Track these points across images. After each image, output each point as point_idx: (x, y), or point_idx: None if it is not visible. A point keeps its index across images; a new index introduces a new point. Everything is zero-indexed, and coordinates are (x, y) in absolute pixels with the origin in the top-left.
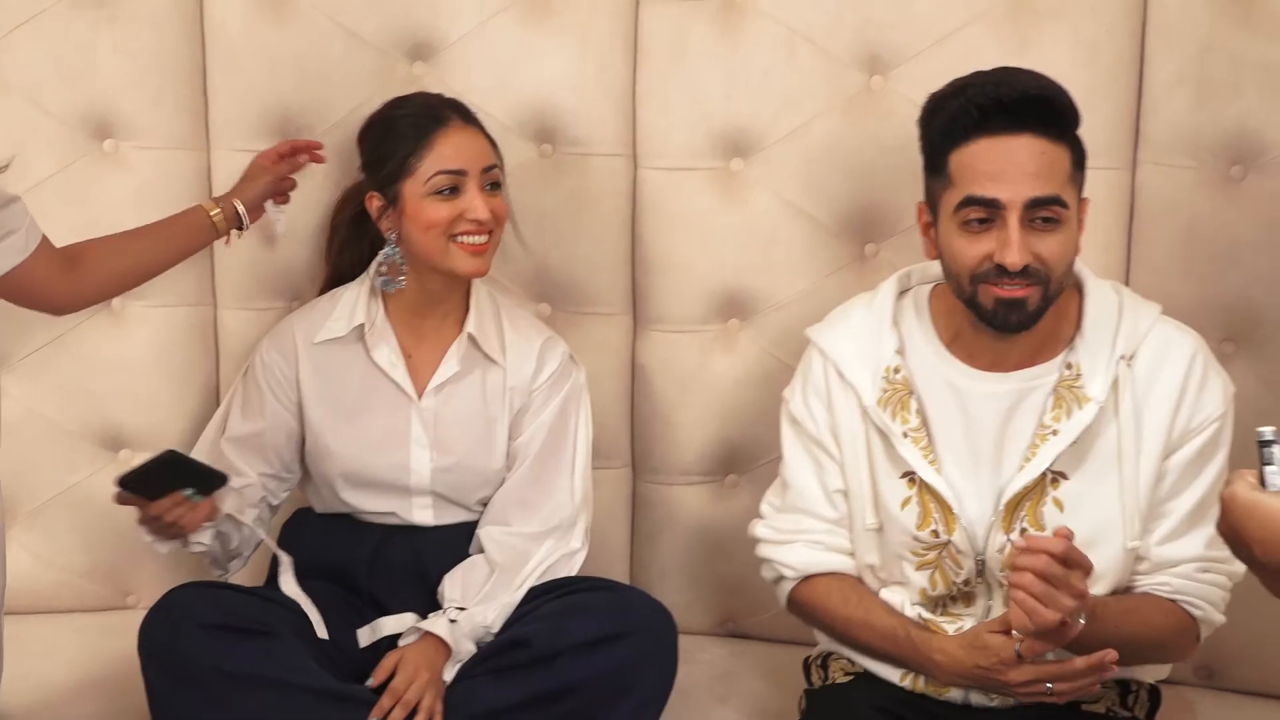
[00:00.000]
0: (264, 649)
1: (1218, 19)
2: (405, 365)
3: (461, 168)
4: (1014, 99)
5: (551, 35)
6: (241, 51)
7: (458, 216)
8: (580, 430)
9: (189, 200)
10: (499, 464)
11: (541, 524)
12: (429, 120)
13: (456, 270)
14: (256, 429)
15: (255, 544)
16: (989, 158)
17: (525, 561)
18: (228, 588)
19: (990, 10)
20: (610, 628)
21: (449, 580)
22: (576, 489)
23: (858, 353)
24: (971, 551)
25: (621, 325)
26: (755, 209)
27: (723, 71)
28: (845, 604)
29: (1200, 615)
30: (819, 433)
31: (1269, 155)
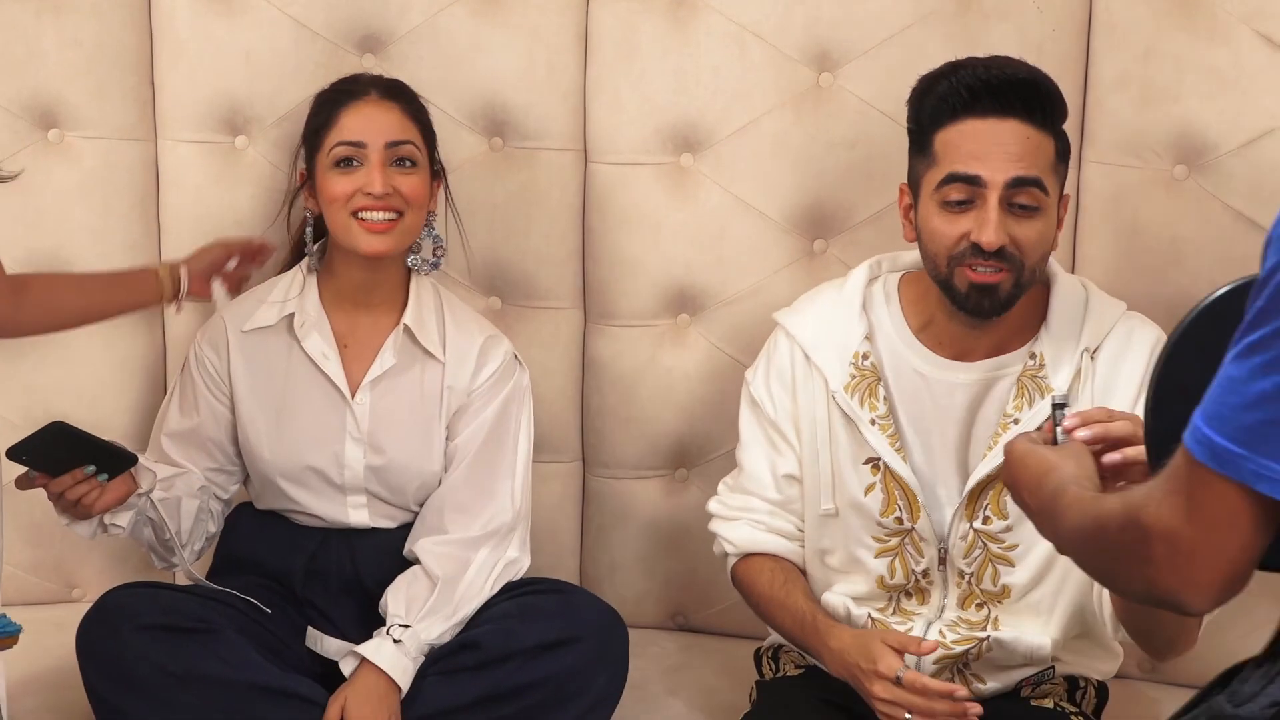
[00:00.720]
0: (206, 647)
1: (1161, 22)
2: (339, 356)
3: (360, 139)
4: (1002, 82)
5: (502, 29)
6: (189, 42)
7: (356, 191)
8: (522, 433)
9: (135, 191)
10: (436, 465)
11: (480, 528)
12: (344, 94)
13: (358, 249)
14: (193, 424)
15: (205, 537)
16: (975, 137)
17: (465, 568)
18: (166, 586)
19: (939, 9)
20: (560, 632)
21: (392, 594)
22: (516, 494)
23: (826, 337)
24: (934, 539)
25: (572, 319)
26: (705, 205)
27: (673, 67)
28: (771, 585)
29: None
30: (776, 416)
31: (1211, 155)
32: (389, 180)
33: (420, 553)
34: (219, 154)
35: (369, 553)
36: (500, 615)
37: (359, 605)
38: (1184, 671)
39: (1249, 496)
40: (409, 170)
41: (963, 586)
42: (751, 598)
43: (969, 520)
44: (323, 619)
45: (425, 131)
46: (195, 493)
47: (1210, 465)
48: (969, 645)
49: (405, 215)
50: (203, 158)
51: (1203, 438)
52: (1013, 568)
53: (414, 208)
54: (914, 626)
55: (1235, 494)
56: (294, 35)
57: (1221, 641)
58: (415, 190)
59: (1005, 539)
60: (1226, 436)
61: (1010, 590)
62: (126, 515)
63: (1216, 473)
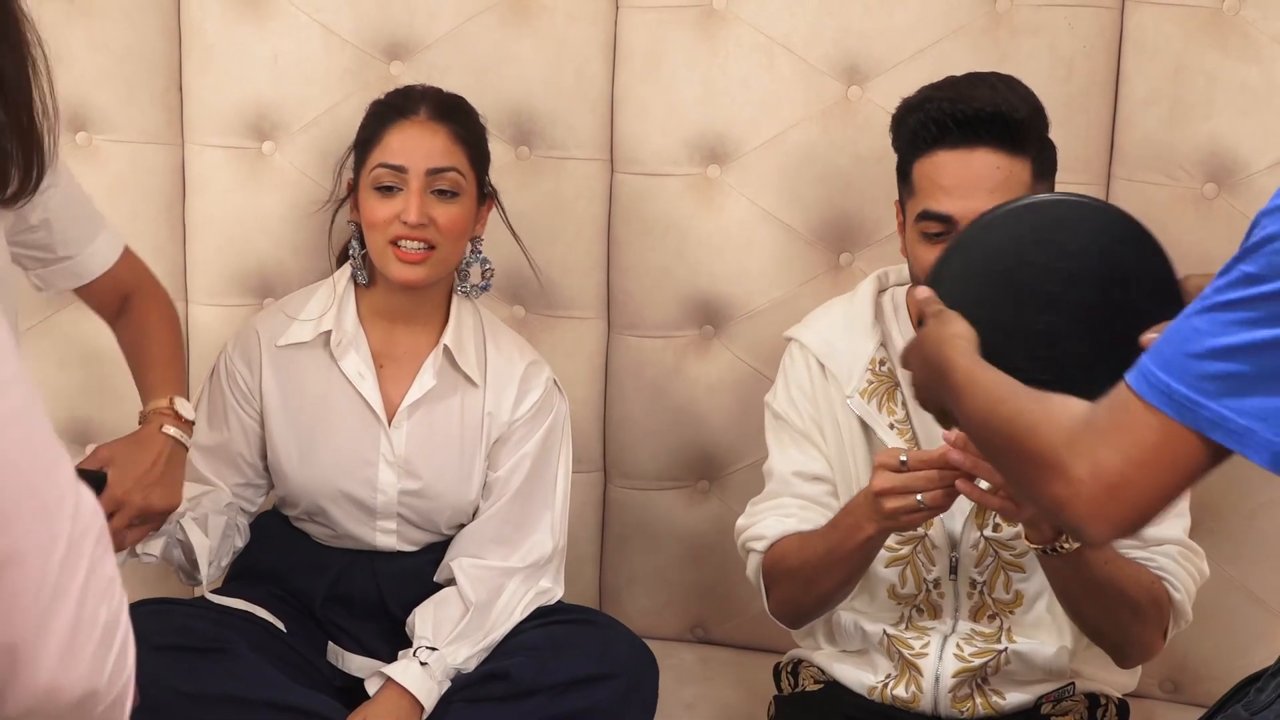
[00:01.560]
0: (221, 666)
1: (1192, 39)
2: (376, 376)
3: (402, 164)
4: (969, 115)
5: (531, 38)
6: (217, 46)
7: (393, 218)
8: (561, 465)
9: (162, 195)
10: (473, 494)
11: (519, 560)
12: (393, 110)
13: (390, 276)
14: (222, 439)
15: (231, 552)
16: (947, 171)
17: (498, 595)
18: (178, 603)
19: (969, 24)
20: (593, 668)
21: (420, 615)
22: (557, 526)
23: (842, 346)
24: (947, 547)
25: (595, 329)
26: (731, 216)
27: (701, 78)
28: (801, 545)
29: (1178, 599)
30: (803, 424)
31: (1241, 174)
32: (426, 210)
33: (457, 571)
34: (246, 159)
35: (393, 577)
36: (531, 646)
37: (381, 628)
38: (1205, 692)
39: (1194, 443)
40: (449, 200)
41: (974, 598)
42: (785, 574)
43: (979, 529)
44: (345, 636)
45: (475, 154)
46: (223, 509)
47: (1164, 410)
48: (988, 658)
49: (440, 248)
50: (229, 163)
51: (1159, 382)
52: (1024, 574)
53: (450, 239)
54: (930, 642)
55: (1181, 439)
56: (322, 41)
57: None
58: (453, 222)
59: (1016, 545)
60: (1185, 384)
61: (1023, 597)
62: (158, 543)
63: (1168, 417)
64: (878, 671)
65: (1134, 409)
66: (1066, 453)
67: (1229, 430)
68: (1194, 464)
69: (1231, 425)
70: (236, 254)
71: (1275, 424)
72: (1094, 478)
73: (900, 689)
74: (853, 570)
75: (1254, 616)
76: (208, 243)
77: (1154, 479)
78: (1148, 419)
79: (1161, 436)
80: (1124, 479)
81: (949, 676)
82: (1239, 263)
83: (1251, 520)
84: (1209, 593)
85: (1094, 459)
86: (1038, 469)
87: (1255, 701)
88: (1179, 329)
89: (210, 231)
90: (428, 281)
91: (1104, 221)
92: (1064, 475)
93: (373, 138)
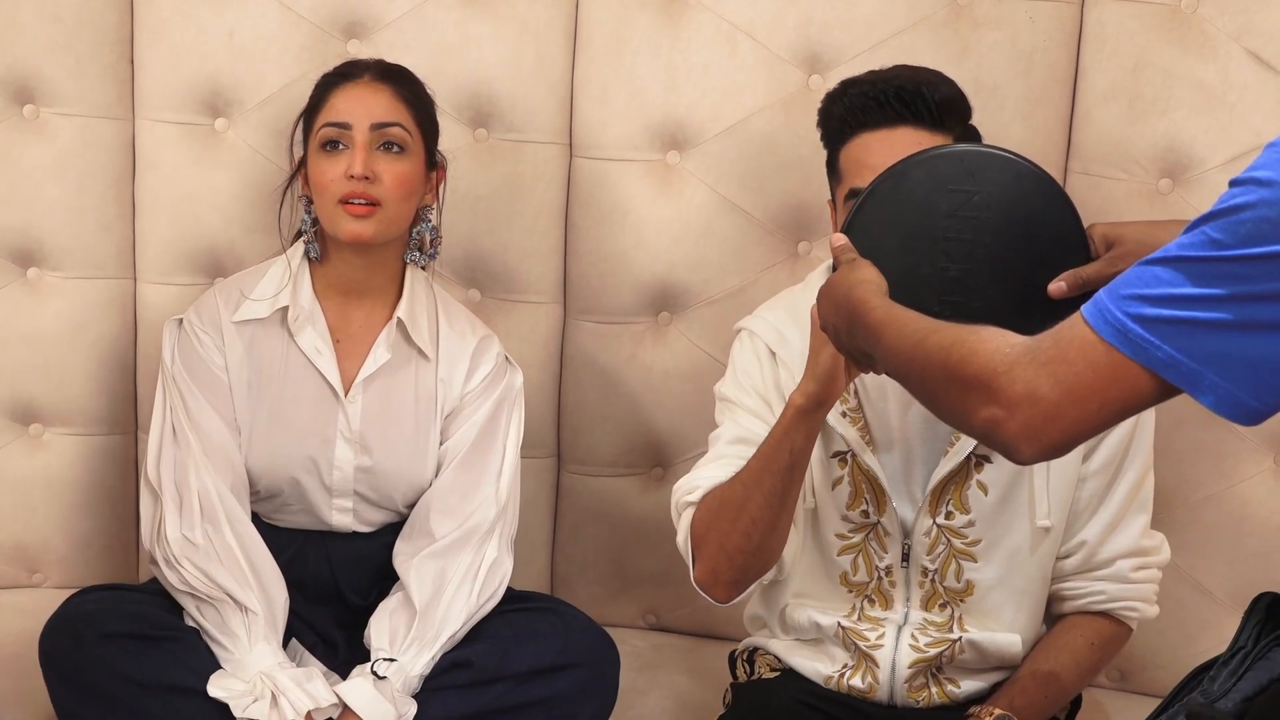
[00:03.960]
0: (173, 655)
1: (1151, 35)
2: (333, 351)
3: (345, 120)
4: (889, 95)
5: (491, 19)
6: (171, 20)
7: (340, 175)
8: (510, 434)
9: (111, 171)
10: (428, 470)
11: (458, 527)
12: (338, 75)
13: (340, 234)
14: (228, 418)
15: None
16: (871, 150)
17: (444, 584)
18: (132, 588)
19: (930, 16)
20: (554, 659)
21: (375, 625)
22: (502, 493)
23: (791, 335)
24: (899, 534)
25: (551, 314)
26: (690, 203)
27: (662, 64)
28: (731, 480)
29: (1136, 618)
30: (750, 401)
31: (1196, 170)
32: (371, 164)
33: (401, 570)
34: (198, 136)
35: (347, 560)
36: (493, 634)
37: (335, 613)
38: (1154, 682)
39: (1143, 380)
40: (396, 156)
41: (925, 586)
42: (714, 512)
43: (932, 516)
44: (302, 624)
45: (422, 118)
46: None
47: (1118, 345)
48: (943, 648)
49: (386, 205)
50: (181, 139)
51: (1115, 320)
52: (976, 563)
53: (396, 197)
54: (885, 633)
55: (1130, 375)
56: (279, 18)
57: (1194, 653)
58: (399, 179)
59: (968, 534)
60: (1141, 324)
61: (974, 587)
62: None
63: (1121, 353)
64: (834, 661)
65: (1085, 341)
66: (1004, 378)
67: (1180, 371)
68: (1137, 399)
69: (1183, 367)
70: (187, 232)
71: (1224, 368)
72: (1030, 403)
73: (856, 679)
74: (782, 482)
75: (1200, 606)
76: (158, 220)
77: (1090, 408)
78: (1098, 351)
79: (1109, 369)
80: (1058, 407)
81: (905, 667)
82: (1205, 224)
83: (1197, 511)
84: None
85: (1032, 384)
86: (972, 393)
87: (1210, 690)
88: (1140, 274)
89: (161, 209)
90: (376, 239)
91: (1013, 172)
92: (999, 398)
93: (319, 102)
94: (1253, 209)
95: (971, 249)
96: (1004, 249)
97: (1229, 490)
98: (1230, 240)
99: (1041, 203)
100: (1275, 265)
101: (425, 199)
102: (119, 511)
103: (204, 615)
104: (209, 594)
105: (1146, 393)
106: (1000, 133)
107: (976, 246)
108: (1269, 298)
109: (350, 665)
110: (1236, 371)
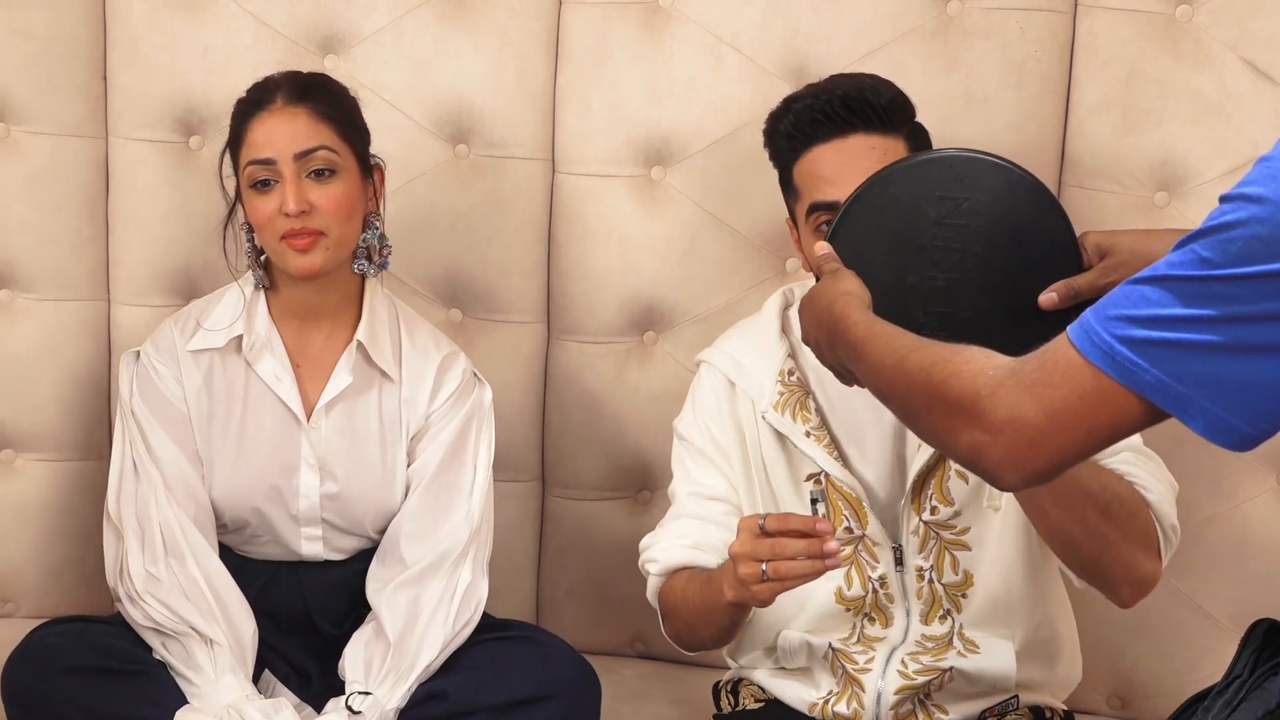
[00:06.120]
0: (139, 689)
1: (1145, 45)
2: (294, 376)
3: (268, 156)
4: (835, 104)
5: (470, 33)
6: (144, 37)
7: (276, 213)
8: (481, 453)
9: (84, 190)
10: (396, 494)
11: (430, 551)
12: (251, 104)
13: (289, 269)
14: (189, 451)
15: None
16: (825, 162)
17: (418, 613)
18: (97, 622)
19: (919, 27)
20: (533, 690)
21: (349, 656)
22: (474, 514)
23: (750, 363)
24: (887, 541)
25: (534, 334)
26: (675, 219)
27: (645, 77)
28: (686, 586)
29: (1153, 499)
30: (704, 444)
31: (1192, 183)
32: (304, 196)
33: (374, 601)
34: (172, 154)
35: (319, 589)
36: (471, 665)
37: (308, 643)
38: (1155, 709)
39: (1131, 404)
40: (327, 180)
41: (924, 591)
42: (671, 611)
43: (917, 514)
44: (274, 655)
45: (347, 129)
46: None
47: (1105, 369)
48: (931, 676)
49: (329, 231)
50: (155, 157)
51: (1102, 341)
52: (970, 551)
53: (337, 220)
54: (875, 656)
55: (1117, 398)
56: (254, 33)
57: (1195, 679)
58: (335, 202)
59: (956, 524)
60: (1129, 347)
61: (973, 578)
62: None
63: (1108, 376)
64: (819, 688)
65: (1071, 364)
66: (988, 401)
67: (1169, 395)
68: (1124, 423)
69: (1172, 391)
70: (162, 252)
71: (1214, 392)
72: (1014, 428)
73: (842, 705)
74: (724, 628)
75: (1201, 631)
76: (132, 240)
77: (1076, 433)
78: (1084, 374)
79: (1096, 393)
80: (1043, 432)
81: (891, 693)
82: (1194, 242)
83: (1198, 535)
84: (1156, 607)
85: (1016, 409)
86: (954, 415)
87: None
88: (1127, 294)
89: (134, 229)
90: (325, 268)
91: (1003, 178)
92: (982, 422)
93: (239, 137)
94: (1244, 226)
95: (960, 258)
96: (994, 258)
97: (1231, 511)
98: (1220, 259)
99: (1032, 210)
100: (1267, 285)
101: (367, 207)
102: (93, 539)
103: (169, 650)
104: (173, 628)
105: (1134, 417)
106: (991, 145)
107: (966, 255)
108: (1261, 319)
109: (324, 696)
110: (1227, 396)
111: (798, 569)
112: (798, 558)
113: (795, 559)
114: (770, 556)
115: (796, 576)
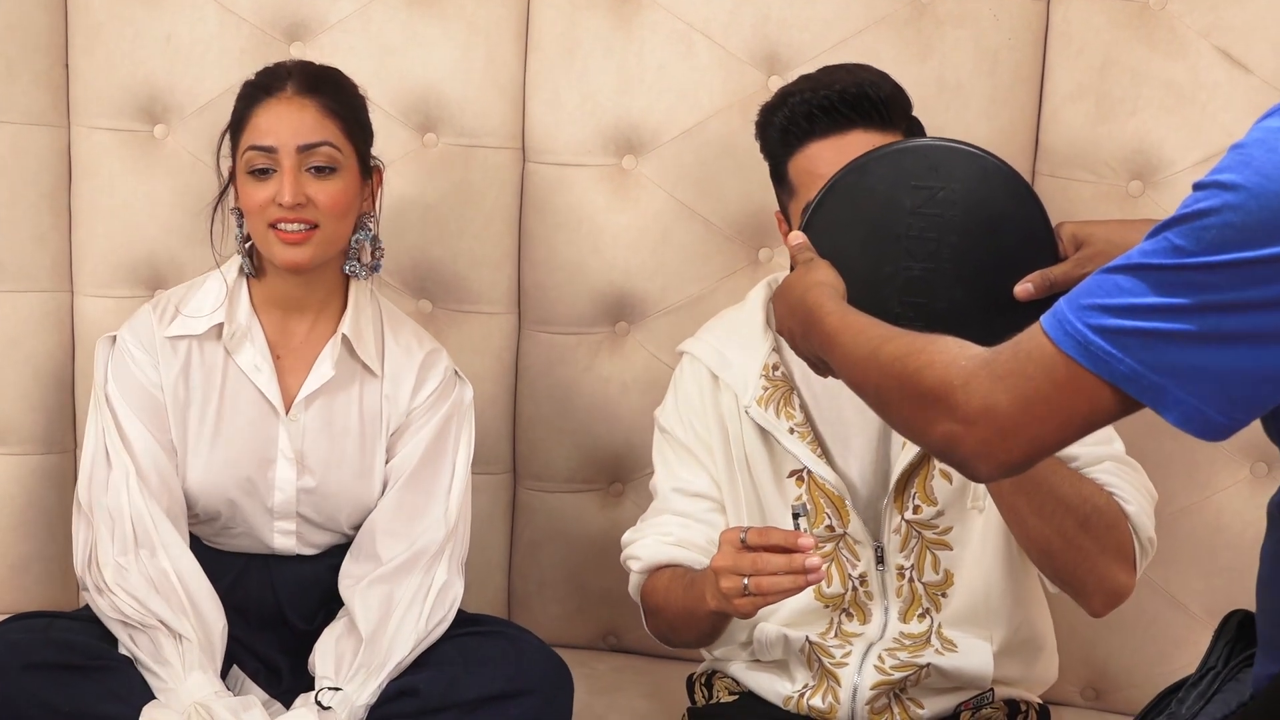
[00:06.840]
0: (103, 685)
1: (1119, 33)
2: (274, 367)
3: (271, 144)
4: (833, 99)
5: (438, 21)
6: (106, 24)
7: (269, 201)
8: (460, 452)
9: (46, 180)
10: (374, 490)
11: (406, 549)
12: (259, 89)
13: (275, 259)
14: (163, 440)
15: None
16: (823, 159)
17: (391, 609)
18: (60, 617)
19: (892, 14)
20: (505, 685)
21: (320, 652)
22: (451, 513)
23: (733, 356)
24: (869, 540)
25: (505, 325)
26: (647, 209)
27: (616, 65)
28: (669, 585)
29: (1132, 511)
30: (687, 439)
31: (1166, 172)
32: (301, 189)
33: (346, 596)
34: (136, 143)
35: (291, 584)
36: (442, 660)
37: (279, 638)
38: (1128, 701)
39: (1104, 394)
40: (327, 177)
41: (904, 590)
42: (653, 611)
43: (900, 513)
44: (243, 650)
45: (352, 128)
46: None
47: (1078, 358)
48: (908, 672)
49: (323, 226)
50: (118, 146)
51: (1075, 331)
52: (951, 551)
53: (332, 217)
54: (852, 651)
55: (1090, 388)
56: (218, 20)
57: (1169, 670)
58: (333, 199)
59: (938, 524)
60: (1102, 336)
61: (953, 577)
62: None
63: (1081, 366)
64: (795, 681)
65: (1044, 354)
66: (961, 392)
67: (1143, 385)
68: (1098, 413)
69: (1145, 381)
70: (126, 242)
71: (1188, 382)
72: (987, 418)
73: (817, 699)
74: (706, 632)
75: (1175, 621)
76: (95, 230)
77: (1050, 424)
78: (1058, 364)
79: (1070, 383)
80: (1016, 422)
81: (867, 688)
82: (1167, 229)
83: (1172, 526)
84: (1130, 598)
85: (989, 399)
86: (927, 406)
87: (1178, 713)
88: (1101, 283)
89: (98, 218)
90: (313, 263)
91: (979, 167)
92: (955, 413)
93: (242, 120)
94: (1217, 214)
95: (936, 248)
96: (969, 248)
97: (1204, 502)
98: (1194, 247)
99: (1008, 200)
100: (1241, 273)
101: (363, 207)
102: (57, 534)
103: (137, 643)
104: (142, 621)
105: (1108, 407)
106: (964, 134)
107: (941, 245)
108: (1235, 307)
109: (294, 693)
110: (1201, 385)
111: (779, 584)
112: (779, 573)
113: (777, 574)
114: (752, 571)
115: (778, 592)
